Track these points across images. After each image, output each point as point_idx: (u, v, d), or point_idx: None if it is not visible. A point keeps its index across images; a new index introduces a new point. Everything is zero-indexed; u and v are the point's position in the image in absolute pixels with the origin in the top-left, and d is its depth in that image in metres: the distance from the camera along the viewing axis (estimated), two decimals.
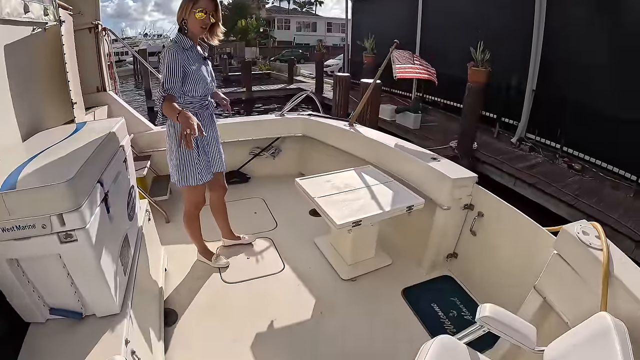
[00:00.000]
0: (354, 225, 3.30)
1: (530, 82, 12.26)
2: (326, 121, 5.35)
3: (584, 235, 2.46)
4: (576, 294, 2.45)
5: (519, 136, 12.56)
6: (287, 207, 4.96)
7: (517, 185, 10.12)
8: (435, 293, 3.86)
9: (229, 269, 3.89)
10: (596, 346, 1.85)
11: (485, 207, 3.73)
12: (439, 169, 3.75)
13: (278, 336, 3.20)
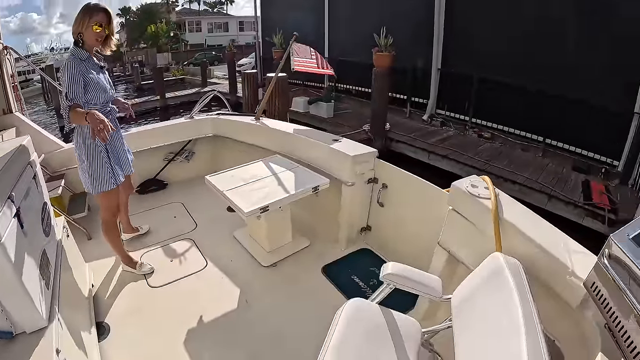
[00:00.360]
0: (262, 211, 3.38)
1: (435, 61, 12.81)
2: (234, 118, 5.38)
3: (473, 188, 2.65)
4: (474, 242, 2.62)
5: (430, 113, 13.08)
6: (205, 207, 4.95)
7: (432, 159, 10.48)
8: (354, 266, 3.98)
9: (154, 273, 3.85)
10: (493, 284, 1.97)
11: (388, 178, 3.92)
12: (339, 149, 3.88)
13: (209, 330, 3.21)
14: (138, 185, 5.33)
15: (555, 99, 10.09)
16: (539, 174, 9.36)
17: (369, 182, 4.01)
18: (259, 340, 3.13)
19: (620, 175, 9.27)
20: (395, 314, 2.39)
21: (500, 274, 1.97)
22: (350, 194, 3.94)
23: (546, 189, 8.58)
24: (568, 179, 9.19)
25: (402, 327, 2.32)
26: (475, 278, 2.16)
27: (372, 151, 3.89)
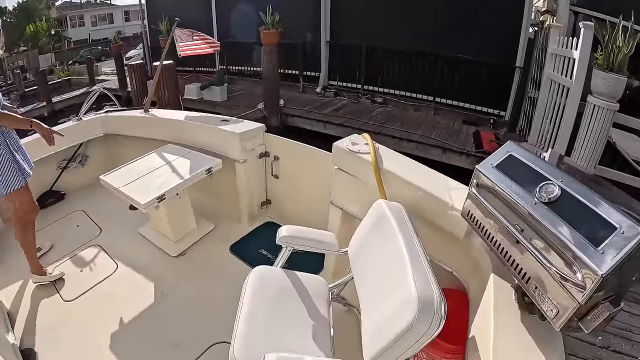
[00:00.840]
0: (159, 201, 3.37)
1: (324, 34, 12.95)
2: (122, 114, 5.20)
3: (354, 145, 2.81)
4: (362, 195, 2.75)
5: (322, 85, 13.24)
6: (108, 210, 4.77)
7: (328, 128, 10.69)
8: (261, 240, 4.06)
9: (66, 286, 3.73)
10: (379, 229, 2.10)
11: (278, 151, 4.01)
12: (227, 129, 3.93)
13: (132, 330, 3.20)
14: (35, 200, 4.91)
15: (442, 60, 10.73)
16: (432, 130, 9.80)
17: (260, 156, 4.08)
18: (180, 328, 3.15)
19: (507, 124, 10.01)
20: (300, 274, 2.48)
21: (383, 218, 2.10)
22: (244, 171, 4.00)
23: (440, 144, 9.01)
24: (460, 132, 9.75)
25: (309, 286, 2.42)
26: (363, 227, 2.29)
27: (260, 126, 3.97)
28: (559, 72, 6.94)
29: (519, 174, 1.72)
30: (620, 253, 1.27)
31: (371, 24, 11.92)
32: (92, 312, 3.41)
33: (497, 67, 10.28)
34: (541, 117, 7.61)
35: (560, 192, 1.53)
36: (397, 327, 1.60)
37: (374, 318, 1.87)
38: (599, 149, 5.74)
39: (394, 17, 11.54)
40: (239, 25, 14.92)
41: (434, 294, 1.62)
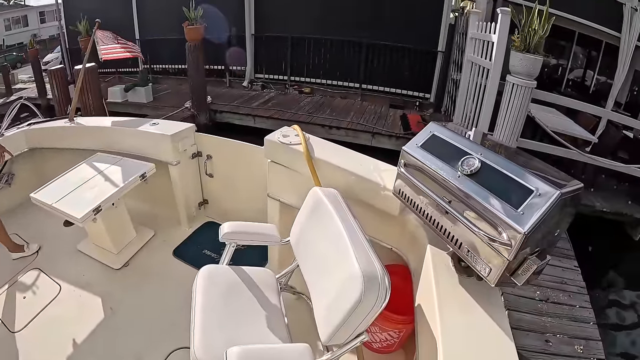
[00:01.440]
0: (95, 213, 3.25)
1: (249, 27, 12.90)
2: (47, 125, 4.84)
3: (284, 137, 2.87)
4: (297, 185, 2.82)
5: (249, 79, 13.21)
6: (42, 229, 4.49)
7: (257, 122, 10.70)
8: (203, 241, 4.04)
9: (10, 316, 3.47)
10: (316, 215, 2.19)
11: (210, 149, 4.00)
12: (157, 131, 3.86)
13: (87, 352, 3.06)
14: None
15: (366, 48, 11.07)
16: (361, 116, 10.05)
17: (193, 157, 4.05)
18: (136, 340, 3.07)
19: (433, 105, 10.43)
20: (247, 269, 2.52)
21: (320, 204, 2.19)
22: (178, 173, 3.95)
23: (369, 129, 9.26)
24: (387, 116, 10.07)
25: (257, 279, 2.48)
26: (301, 215, 2.37)
27: (190, 126, 3.92)
28: (479, 54, 7.26)
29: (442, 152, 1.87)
30: (538, 212, 1.43)
31: (296, 14, 12.06)
32: (43, 340, 3.23)
33: (420, 52, 10.69)
34: (464, 97, 7.93)
35: (480, 164, 1.68)
36: (346, 304, 1.70)
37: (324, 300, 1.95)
38: (519, 124, 6.07)
39: (317, 7, 11.73)
40: (161, 22, 14.59)
41: (376, 268, 1.73)
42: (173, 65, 15.33)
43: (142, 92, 12.91)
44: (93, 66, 9.38)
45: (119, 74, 16.86)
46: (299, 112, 10.42)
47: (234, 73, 13.70)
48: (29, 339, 3.25)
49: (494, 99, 6.63)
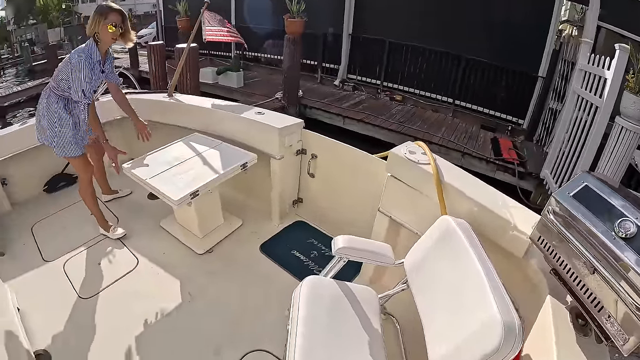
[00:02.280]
0: (192, 197, 3.19)
1: (347, 26, 12.83)
2: (143, 97, 4.91)
3: (411, 154, 2.73)
4: (417, 206, 2.71)
5: (342, 78, 13.19)
6: (125, 198, 4.64)
7: (347, 123, 10.60)
8: (292, 240, 3.96)
9: (84, 283, 3.48)
10: (446, 246, 2.07)
11: (316, 148, 3.88)
12: (265, 122, 3.76)
13: (157, 334, 3.00)
14: (45, 184, 4.76)
15: (464, 63, 10.63)
16: (452, 133, 9.76)
17: (297, 153, 3.95)
18: (215, 333, 3.00)
19: (525, 132, 9.97)
20: (351, 285, 2.43)
21: (452, 235, 2.07)
22: (280, 168, 3.86)
23: (460, 147, 8.97)
24: (478, 137, 9.71)
25: (360, 298, 2.38)
26: (427, 241, 2.25)
27: (299, 122, 3.82)
28: (588, 88, 6.86)
29: (596, 207, 1.73)
30: None
31: (396, 19, 11.83)
32: (112, 313, 3.19)
33: (519, 74, 10.19)
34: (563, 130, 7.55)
35: (637, 230, 1.55)
36: (480, 350, 1.60)
37: (446, 336, 1.85)
38: (622, 169, 5.72)
39: (418, 15, 11.44)
40: (259, 11, 14.76)
41: (514, 317, 1.62)
42: (265, 54, 15.49)
43: (234, 77, 13.10)
44: (195, 47, 9.52)
45: (212, 56, 17.19)
46: (389, 120, 10.26)
47: (326, 70, 13.68)
48: (97, 308, 3.23)
49: (600, 139, 6.23)
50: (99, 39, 3.29)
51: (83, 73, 3.21)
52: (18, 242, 3.94)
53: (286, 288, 3.15)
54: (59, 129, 3.45)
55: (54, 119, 3.43)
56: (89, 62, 3.24)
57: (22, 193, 4.56)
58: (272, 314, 3.08)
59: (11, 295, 3.18)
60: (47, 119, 3.45)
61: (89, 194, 3.84)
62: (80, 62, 3.18)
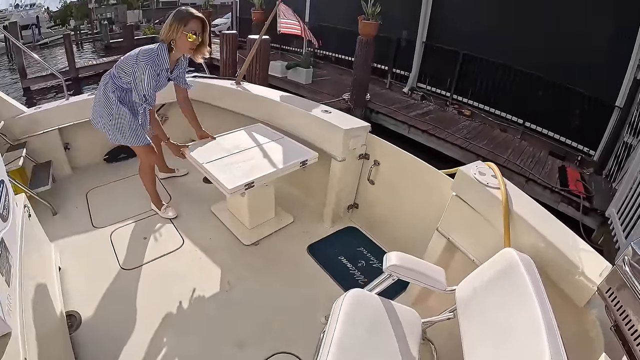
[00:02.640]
0: (247, 188, 3.15)
1: (421, 33, 12.59)
2: (212, 82, 5.03)
3: (481, 176, 2.53)
4: (479, 232, 2.53)
5: (411, 86, 12.93)
6: (180, 178, 4.75)
7: (412, 133, 10.41)
8: (341, 245, 3.86)
9: (128, 254, 3.61)
10: (506, 280, 1.90)
11: (380, 155, 3.73)
12: (331, 121, 3.66)
13: (189, 316, 3.05)
14: (106, 153, 5.06)
15: (539, 82, 10.04)
16: (518, 156, 9.36)
17: (360, 157, 3.83)
18: (245, 327, 2.97)
19: (595, 165, 9.36)
20: (395, 305, 2.32)
21: (514, 271, 1.89)
22: (340, 170, 3.76)
23: (525, 172, 8.59)
24: (545, 164, 9.24)
25: (403, 319, 2.25)
26: (485, 273, 2.08)
27: (365, 125, 3.70)
28: None
29: None
30: None
31: (472, 31, 11.46)
32: (149, 288, 3.27)
33: (595, 101, 9.53)
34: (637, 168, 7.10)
35: None
36: None
37: None
38: None
39: (496, 29, 11.04)
40: (333, 10, 14.80)
41: None
42: (336, 54, 15.45)
43: (303, 73, 13.16)
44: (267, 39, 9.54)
45: (283, 50, 17.29)
46: (455, 134, 9.99)
47: (396, 76, 13.46)
48: (135, 281, 3.32)
49: None
50: (174, 46, 3.25)
51: (146, 81, 3.18)
52: (71, 205, 4.17)
53: (327, 294, 3.19)
54: (115, 117, 3.46)
55: (111, 107, 3.45)
56: (155, 70, 3.21)
57: (83, 159, 4.88)
58: (308, 318, 3.02)
59: (55, 253, 3.33)
60: (105, 105, 3.47)
61: (148, 178, 3.94)
62: (146, 69, 3.14)
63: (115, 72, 3.38)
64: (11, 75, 26.41)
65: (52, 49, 33.49)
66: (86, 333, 2.86)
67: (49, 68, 5.94)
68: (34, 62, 21.53)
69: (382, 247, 3.81)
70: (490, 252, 2.12)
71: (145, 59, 3.14)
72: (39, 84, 21.38)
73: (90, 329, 2.89)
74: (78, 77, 22.36)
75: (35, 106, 4.66)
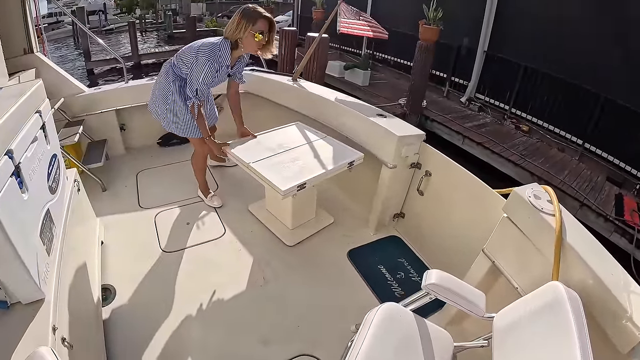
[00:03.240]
0: (299, 189, 3.07)
1: (482, 42, 12.21)
2: (269, 76, 5.05)
3: (536, 200, 2.35)
4: (526, 260, 2.36)
5: (469, 96, 12.62)
6: (229, 168, 4.78)
7: (466, 144, 10.16)
8: (382, 254, 3.74)
9: (169, 237, 3.70)
10: (549, 317, 1.76)
11: (433, 166, 3.59)
12: (385, 126, 3.54)
13: (220, 306, 3.06)
14: (160, 137, 5.28)
15: (603, 102, 9.49)
16: (574, 178, 8.96)
17: (411, 166, 3.70)
18: (272, 324, 2.96)
19: None
20: (429, 324, 2.22)
21: (559, 307, 1.75)
22: (390, 177, 3.63)
23: (580, 196, 8.22)
24: (602, 189, 8.80)
25: (434, 340, 2.14)
26: (528, 305, 1.94)
27: (420, 134, 3.56)
28: None
29: None
30: None
31: (537, 43, 10.94)
32: (186, 272, 3.34)
33: None
34: None
35: None
36: None
37: None
38: None
39: (563, 43, 10.48)
40: (393, 14, 14.64)
41: None
42: (395, 58, 15.31)
43: (361, 75, 13.17)
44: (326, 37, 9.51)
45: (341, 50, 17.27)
46: (511, 150, 9.67)
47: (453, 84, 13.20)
48: (173, 263, 3.41)
49: None
50: (241, 44, 3.25)
51: (202, 77, 3.20)
52: (121, 184, 4.37)
53: (361, 302, 3.15)
54: (171, 106, 3.54)
55: (168, 96, 3.52)
56: (214, 66, 3.22)
57: (137, 141, 5.12)
58: (337, 324, 2.95)
59: (100, 228, 3.45)
60: (162, 93, 3.55)
61: (199, 166, 4.00)
62: (205, 64, 3.16)
63: (175, 61, 3.43)
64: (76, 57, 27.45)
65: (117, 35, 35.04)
66: (118, 307, 2.95)
67: (112, 53, 6.16)
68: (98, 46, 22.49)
69: (424, 260, 3.70)
70: (536, 282, 2.01)
71: (207, 55, 3.16)
72: (102, 67, 22.35)
73: (123, 304, 2.98)
74: (140, 63, 23.27)
75: (95, 86, 4.88)
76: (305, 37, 11.15)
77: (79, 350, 2.06)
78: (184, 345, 2.74)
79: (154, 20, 41.10)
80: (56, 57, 27.36)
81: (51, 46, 30.19)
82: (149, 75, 5.15)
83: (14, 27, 4.15)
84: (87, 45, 22.11)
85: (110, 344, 2.68)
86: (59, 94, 4.22)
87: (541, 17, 10.85)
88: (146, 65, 23.56)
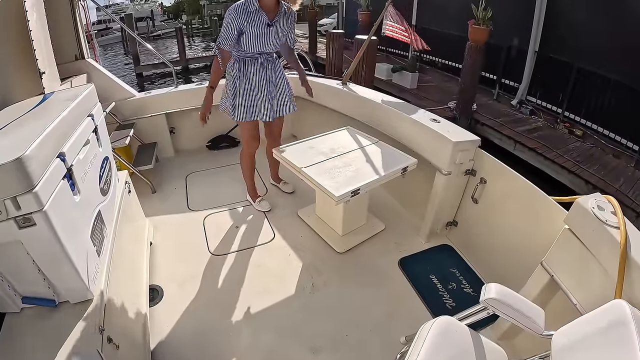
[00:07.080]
0: (352, 195, 3.03)
1: (533, 42, 11.78)
2: (318, 80, 4.99)
3: (600, 211, 2.20)
4: (587, 275, 2.24)
5: (520, 99, 12.22)
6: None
7: (517, 149, 9.84)
8: (433, 264, 3.65)
9: (218, 240, 3.75)
10: (612, 337, 1.64)
11: (488, 173, 3.46)
12: (439, 131, 3.45)
13: (268, 310, 3.07)
14: (209, 141, 5.42)
15: None
16: (630, 187, 8.45)
17: (466, 173, 3.57)
18: (322, 333, 2.91)
19: None
20: (484, 339, 2.11)
21: (625, 327, 1.61)
22: (443, 184, 3.52)
23: (635, 207, 7.77)
24: None
25: (489, 357, 2.04)
26: (590, 324, 1.80)
27: (475, 139, 3.43)
28: None
29: None
30: None
31: (591, 43, 10.30)
32: (234, 276, 3.36)
33: None
34: None
35: None
36: None
37: None
38: None
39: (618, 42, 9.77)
40: (441, 14, 14.41)
41: None
42: (443, 59, 15.13)
43: (409, 77, 13.13)
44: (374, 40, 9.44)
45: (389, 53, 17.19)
46: (564, 156, 9.27)
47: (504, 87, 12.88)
48: (221, 266, 3.45)
49: None
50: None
51: (227, 27, 3.25)
52: (170, 186, 4.49)
53: (411, 312, 3.09)
54: (231, 89, 3.61)
55: (229, 78, 3.62)
56: (242, 18, 3.22)
57: (187, 144, 5.30)
58: (387, 335, 2.89)
59: (149, 229, 3.54)
60: (227, 82, 3.65)
61: (247, 166, 4.04)
62: (230, 15, 3.22)
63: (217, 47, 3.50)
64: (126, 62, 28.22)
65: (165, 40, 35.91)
66: (165, 308, 3.01)
67: (161, 57, 6.28)
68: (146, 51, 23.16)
69: (477, 271, 3.58)
70: (597, 299, 1.90)
71: (235, 7, 3.22)
72: (151, 71, 22.95)
73: (170, 305, 3.04)
74: (187, 67, 23.75)
75: (145, 90, 5.10)
76: (354, 39, 11.12)
77: (125, 350, 2.10)
78: (231, 349, 2.75)
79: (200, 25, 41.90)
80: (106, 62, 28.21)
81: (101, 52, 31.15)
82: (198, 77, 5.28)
83: (65, 34, 4.31)
84: (136, 50, 22.88)
85: (155, 345, 2.72)
86: (109, 98, 4.39)
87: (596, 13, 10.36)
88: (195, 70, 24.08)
